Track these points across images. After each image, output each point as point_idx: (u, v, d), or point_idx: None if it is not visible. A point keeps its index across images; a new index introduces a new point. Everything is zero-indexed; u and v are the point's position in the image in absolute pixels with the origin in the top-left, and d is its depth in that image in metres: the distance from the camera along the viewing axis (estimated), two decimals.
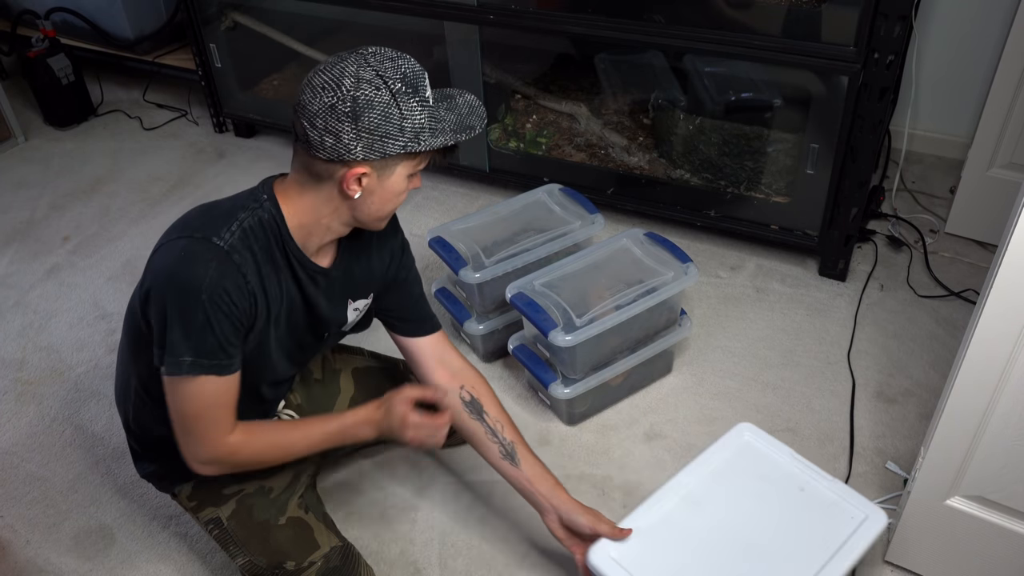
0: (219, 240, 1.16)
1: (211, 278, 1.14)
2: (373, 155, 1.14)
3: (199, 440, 1.23)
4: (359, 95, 1.11)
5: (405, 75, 1.14)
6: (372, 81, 1.12)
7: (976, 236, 2.27)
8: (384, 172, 1.18)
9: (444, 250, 1.87)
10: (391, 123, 1.13)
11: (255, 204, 1.22)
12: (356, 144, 1.13)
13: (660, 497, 1.40)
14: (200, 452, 1.24)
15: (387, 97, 1.13)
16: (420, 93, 1.15)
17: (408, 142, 1.15)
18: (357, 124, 1.12)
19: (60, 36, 3.06)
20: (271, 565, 1.37)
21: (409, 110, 1.14)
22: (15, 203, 2.72)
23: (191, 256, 1.15)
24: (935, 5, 2.36)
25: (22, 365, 2.08)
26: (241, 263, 1.17)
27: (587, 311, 1.68)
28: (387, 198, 1.22)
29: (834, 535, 1.34)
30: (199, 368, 1.16)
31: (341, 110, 1.12)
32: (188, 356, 1.15)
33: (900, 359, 1.94)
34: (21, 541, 1.66)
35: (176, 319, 1.15)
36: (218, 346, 1.17)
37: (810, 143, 2.04)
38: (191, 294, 1.14)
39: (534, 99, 2.61)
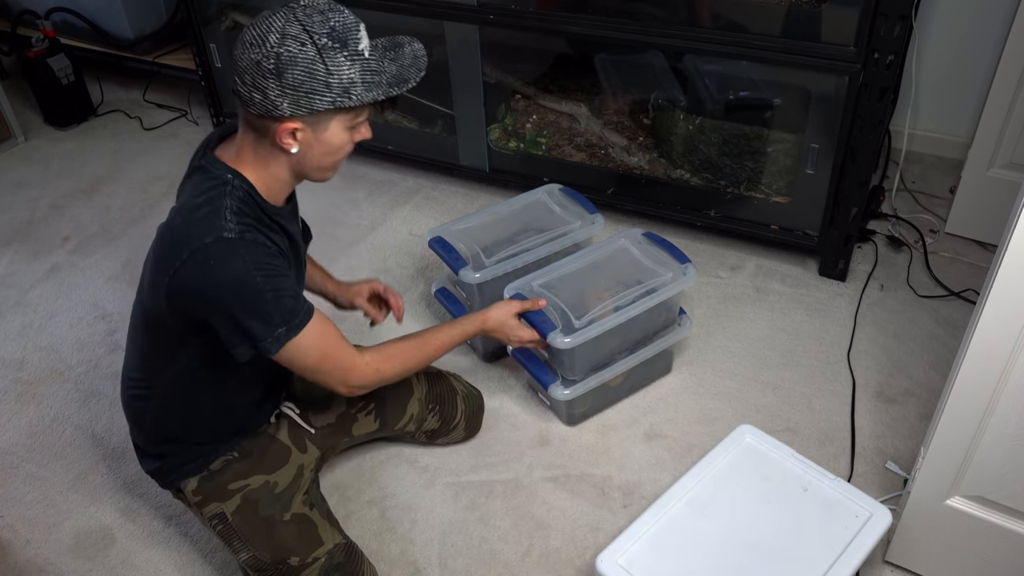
0: (228, 233, 1.18)
1: (250, 263, 1.18)
2: (300, 111, 1.15)
3: (342, 373, 1.32)
4: (282, 51, 1.12)
5: (333, 29, 1.14)
6: (297, 37, 1.12)
7: (976, 236, 2.27)
8: (318, 127, 1.19)
9: (444, 250, 1.87)
10: (316, 79, 1.13)
11: (226, 187, 1.23)
12: (282, 100, 1.14)
13: (664, 502, 1.41)
14: (350, 381, 1.34)
15: (312, 53, 1.13)
16: (350, 47, 1.15)
17: (337, 97, 1.16)
18: (281, 81, 1.13)
19: (60, 36, 3.06)
20: (275, 561, 1.38)
21: (336, 65, 1.14)
22: (15, 203, 2.72)
23: (220, 260, 1.17)
24: (935, 5, 2.36)
25: (22, 365, 2.08)
26: (254, 239, 1.21)
27: (586, 312, 1.67)
28: (327, 151, 1.23)
29: (839, 534, 1.34)
30: (295, 329, 1.23)
31: (266, 67, 1.12)
32: (282, 327, 1.22)
33: (900, 359, 1.94)
34: (21, 541, 1.66)
35: (252, 313, 1.19)
36: (293, 301, 1.23)
37: (810, 143, 2.04)
38: (247, 285, 1.18)
39: (534, 99, 2.61)
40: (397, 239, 2.44)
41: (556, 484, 1.71)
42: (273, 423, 1.50)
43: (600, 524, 1.62)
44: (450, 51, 2.37)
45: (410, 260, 2.34)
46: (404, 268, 2.32)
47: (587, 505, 1.66)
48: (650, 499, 1.62)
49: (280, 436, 1.49)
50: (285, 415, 1.52)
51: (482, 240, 1.89)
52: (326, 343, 1.29)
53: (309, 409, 1.57)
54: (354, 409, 1.62)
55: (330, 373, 1.32)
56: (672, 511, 1.40)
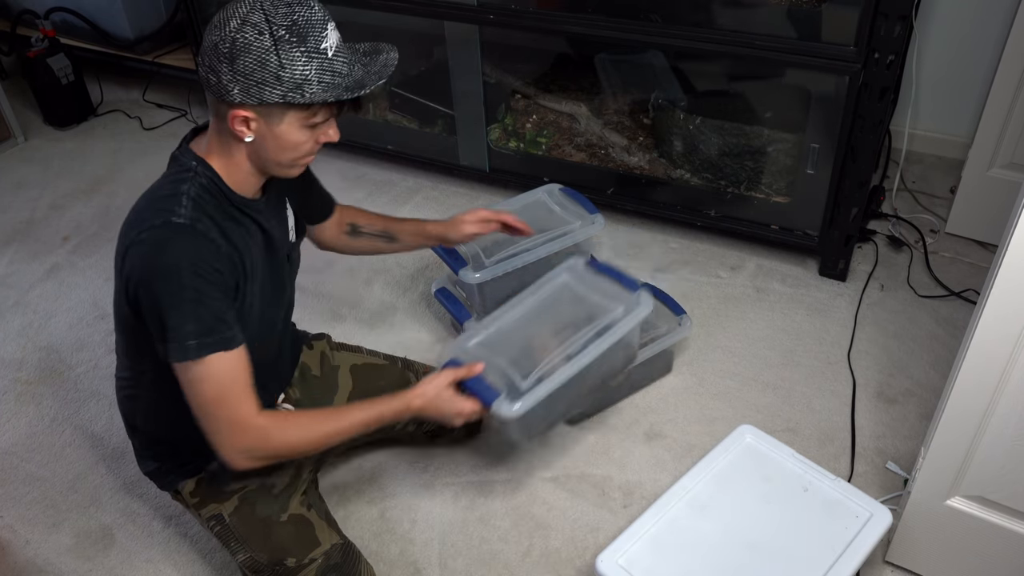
0: (177, 218, 1.17)
1: (187, 254, 1.15)
2: (250, 99, 1.14)
3: (229, 426, 1.20)
4: (239, 37, 1.11)
5: (295, 23, 1.12)
6: (257, 25, 1.11)
7: (976, 236, 2.27)
8: (271, 119, 1.17)
9: (444, 250, 1.87)
10: (266, 70, 1.11)
11: (189, 173, 1.22)
12: (233, 86, 1.13)
13: (665, 503, 1.41)
14: (232, 439, 1.21)
15: (267, 43, 1.11)
16: (309, 43, 1.13)
17: (288, 92, 1.13)
18: (233, 66, 1.12)
19: (60, 36, 3.06)
20: (272, 561, 1.38)
21: (290, 60, 1.12)
22: (15, 203, 2.72)
23: (160, 242, 1.16)
24: (935, 5, 2.36)
25: (22, 365, 2.08)
26: (205, 230, 1.18)
27: (532, 369, 1.43)
28: (282, 146, 1.21)
29: (840, 534, 1.34)
30: (206, 348, 1.16)
31: (221, 49, 1.12)
32: (192, 339, 1.15)
33: (900, 359, 1.94)
34: (21, 541, 1.66)
35: (168, 305, 1.15)
36: (216, 319, 1.17)
37: (810, 143, 2.04)
38: (174, 275, 1.14)
39: (534, 99, 2.60)
40: None
41: (556, 484, 1.71)
42: None
43: (600, 524, 1.62)
44: (450, 51, 2.37)
45: (410, 260, 2.34)
46: (404, 268, 2.32)
47: (587, 505, 1.66)
48: (650, 499, 1.62)
49: None
50: None
51: (482, 240, 1.88)
52: (231, 384, 1.19)
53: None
54: None
55: (218, 420, 1.19)
56: (672, 511, 1.40)
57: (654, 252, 2.32)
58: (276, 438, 1.24)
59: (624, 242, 2.37)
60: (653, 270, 2.26)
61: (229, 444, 1.21)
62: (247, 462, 1.23)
